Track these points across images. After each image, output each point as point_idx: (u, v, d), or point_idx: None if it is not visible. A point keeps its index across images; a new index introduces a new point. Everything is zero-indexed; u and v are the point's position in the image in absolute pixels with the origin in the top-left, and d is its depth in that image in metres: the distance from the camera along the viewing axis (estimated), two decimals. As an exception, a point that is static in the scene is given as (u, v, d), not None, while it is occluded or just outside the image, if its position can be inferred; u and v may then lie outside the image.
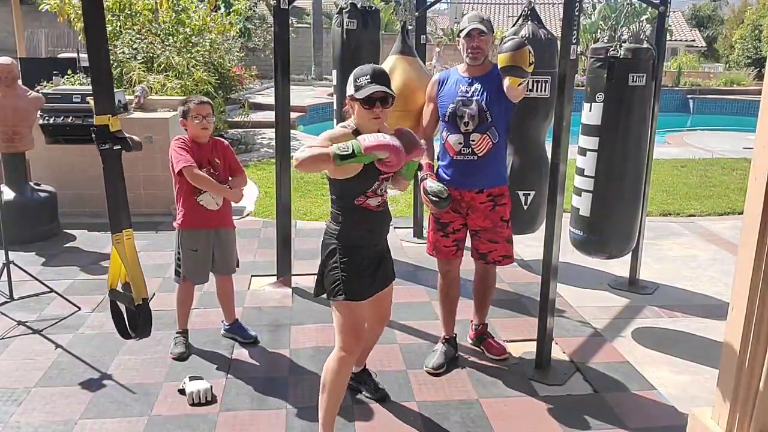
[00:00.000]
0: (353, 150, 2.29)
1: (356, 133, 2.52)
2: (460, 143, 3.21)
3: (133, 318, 2.90)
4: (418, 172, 3.20)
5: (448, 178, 3.28)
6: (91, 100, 2.90)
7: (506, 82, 3.03)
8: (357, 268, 2.58)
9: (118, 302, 2.92)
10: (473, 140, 3.18)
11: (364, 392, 3.11)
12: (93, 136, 2.75)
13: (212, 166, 3.37)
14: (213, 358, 3.46)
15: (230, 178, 3.46)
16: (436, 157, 3.38)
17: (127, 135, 2.80)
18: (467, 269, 3.55)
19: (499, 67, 2.96)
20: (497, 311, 4.01)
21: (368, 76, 2.47)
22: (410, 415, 2.97)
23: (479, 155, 3.19)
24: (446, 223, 3.32)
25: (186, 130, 3.39)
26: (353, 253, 2.58)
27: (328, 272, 2.60)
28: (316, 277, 2.70)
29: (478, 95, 3.18)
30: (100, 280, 4.52)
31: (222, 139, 3.53)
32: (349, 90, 2.52)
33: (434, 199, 3.15)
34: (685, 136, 12.86)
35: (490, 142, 3.18)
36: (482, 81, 3.19)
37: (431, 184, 3.17)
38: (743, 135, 12.26)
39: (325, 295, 2.65)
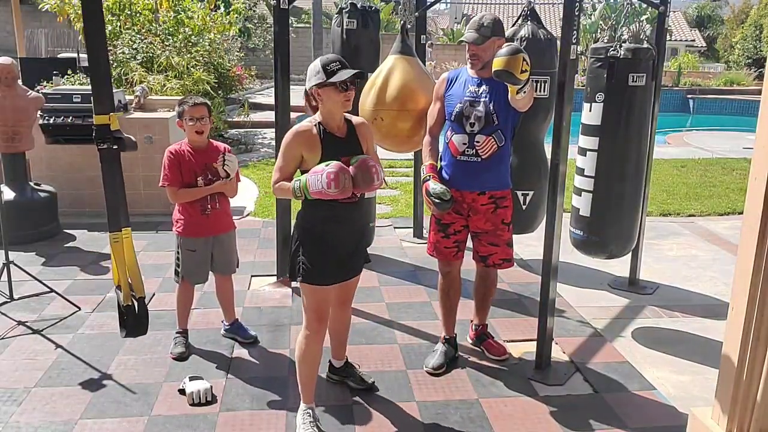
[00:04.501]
0: (305, 195, 2.52)
1: (320, 126, 2.64)
2: (464, 143, 3.17)
3: (123, 317, 3.00)
4: (421, 173, 3.18)
5: (449, 178, 3.24)
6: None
7: (509, 93, 3.00)
8: (320, 254, 2.70)
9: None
10: (478, 141, 3.15)
11: (351, 383, 3.16)
12: (94, 135, 2.79)
13: (210, 171, 3.34)
14: (213, 358, 3.46)
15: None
16: (439, 157, 3.34)
17: (124, 135, 2.83)
18: (468, 269, 3.55)
19: (492, 70, 2.91)
20: (497, 311, 4.00)
21: (337, 62, 2.59)
22: (410, 415, 2.97)
23: (483, 157, 3.16)
24: (447, 224, 3.30)
25: (184, 130, 3.38)
26: (318, 241, 2.71)
27: (294, 256, 2.74)
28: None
29: (486, 97, 3.14)
30: (100, 280, 4.52)
31: (225, 145, 3.48)
32: (316, 79, 2.59)
33: (436, 201, 3.11)
34: (685, 136, 12.85)
35: (495, 145, 3.15)
36: (491, 83, 3.12)
37: (434, 186, 3.12)
38: (743, 135, 12.26)
39: (290, 278, 2.83)
